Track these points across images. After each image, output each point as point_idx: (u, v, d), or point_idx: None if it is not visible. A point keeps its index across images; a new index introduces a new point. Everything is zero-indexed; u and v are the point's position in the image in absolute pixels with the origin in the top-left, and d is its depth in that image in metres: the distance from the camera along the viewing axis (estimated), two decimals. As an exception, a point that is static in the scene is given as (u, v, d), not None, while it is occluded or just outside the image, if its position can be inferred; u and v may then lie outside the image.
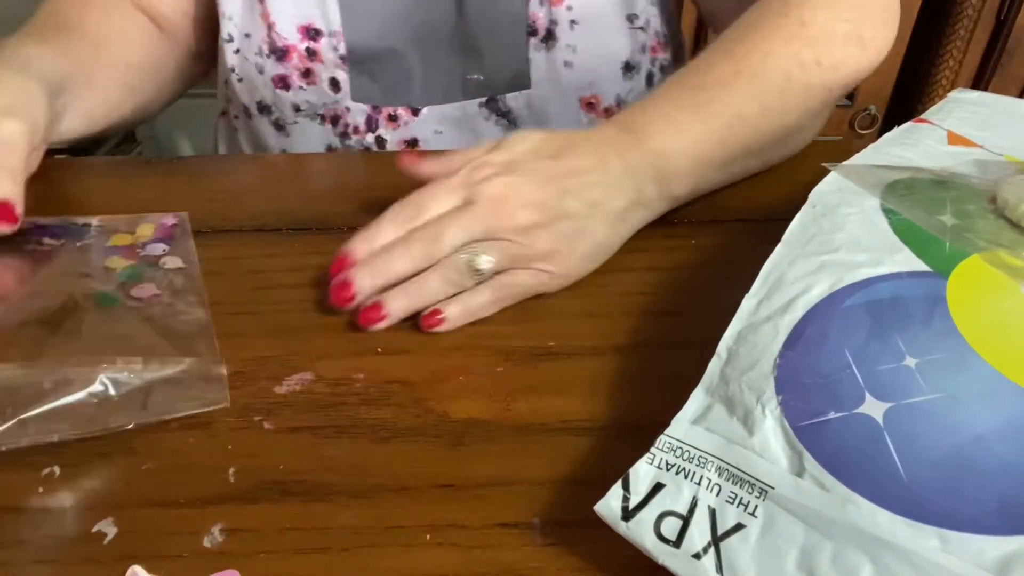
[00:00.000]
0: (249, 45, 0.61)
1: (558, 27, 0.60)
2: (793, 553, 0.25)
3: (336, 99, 0.62)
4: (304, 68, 0.61)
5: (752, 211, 0.49)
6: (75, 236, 0.44)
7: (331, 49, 0.60)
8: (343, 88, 0.61)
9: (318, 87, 0.61)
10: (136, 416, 0.35)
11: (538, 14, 0.59)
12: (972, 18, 1.25)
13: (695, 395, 0.30)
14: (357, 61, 0.60)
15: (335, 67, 0.61)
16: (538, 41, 0.60)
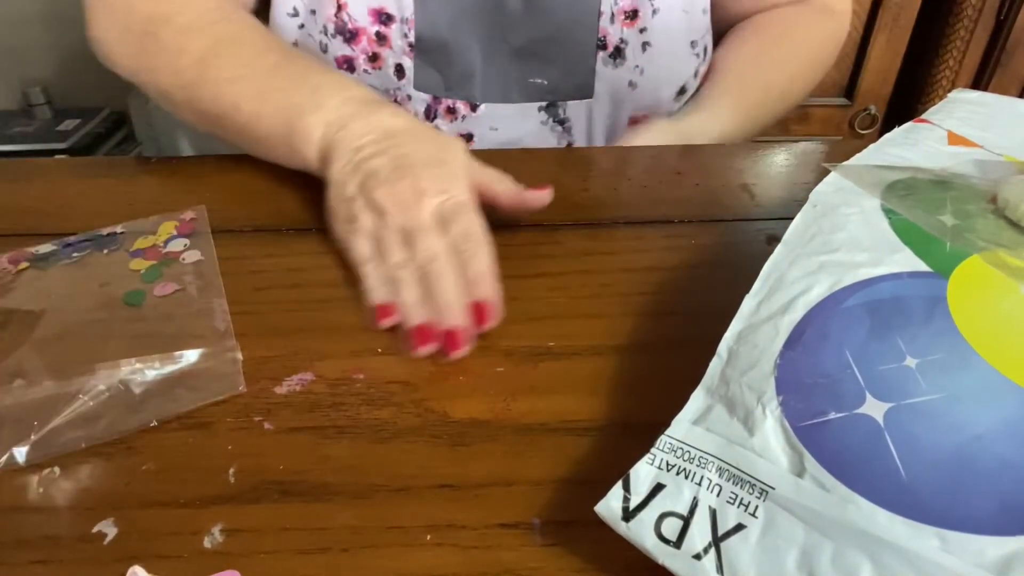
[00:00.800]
0: (314, 22, 0.60)
1: (628, 47, 0.61)
2: (793, 553, 0.25)
3: (399, 86, 0.62)
4: (372, 52, 0.60)
5: (752, 211, 0.49)
6: (102, 246, 0.46)
7: (401, 35, 0.60)
8: (407, 75, 0.61)
9: (383, 72, 0.61)
10: (158, 412, 0.35)
11: (608, 30, 0.60)
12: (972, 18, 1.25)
13: (695, 395, 0.30)
14: (424, 50, 0.60)
15: (402, 54, 0.60)
16: (606, 56, 0.62)
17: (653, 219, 0.48)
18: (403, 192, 0.42)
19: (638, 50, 0.62)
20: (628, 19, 0.61)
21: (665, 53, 0.63)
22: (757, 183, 0.52)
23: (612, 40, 0.61)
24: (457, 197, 0.43)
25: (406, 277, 0.41)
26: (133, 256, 0.45)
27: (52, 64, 1.49)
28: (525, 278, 0.44)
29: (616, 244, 0.47)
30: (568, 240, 0.47)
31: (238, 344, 0.38)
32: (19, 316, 0.40)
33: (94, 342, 0.39)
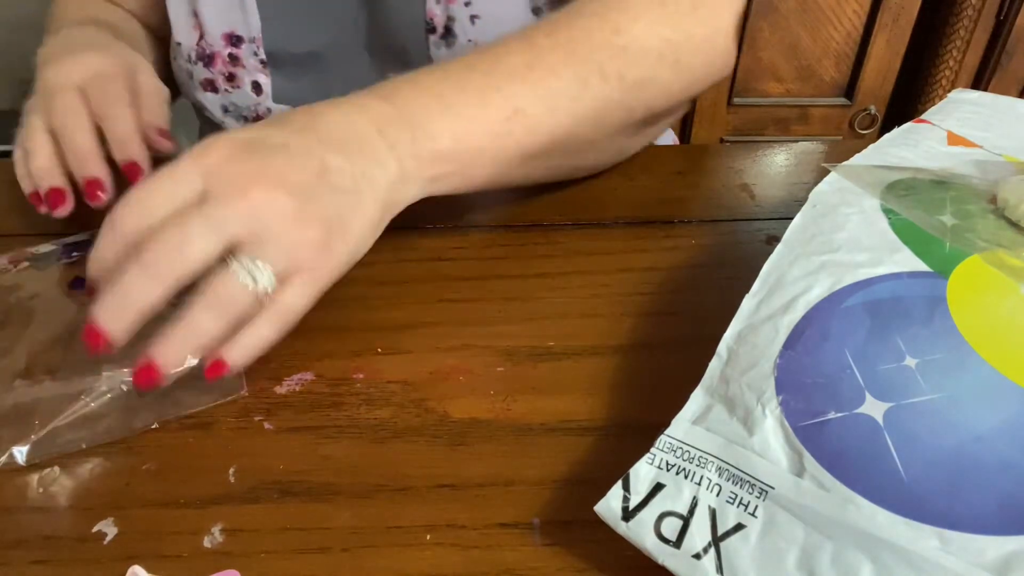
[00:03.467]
0: (181, 52, 0.64)
1: (456, 23, 0.59)
2: (793, 553, 0.25)
3: (258, 101, 0.64)
4: (228, 72, 0.63)
5: (752, 211, 0.49)
6: None
7: (251, 54, 0.62)
8: (265, 91, 0.63)
9: (242, 90, 0.64)
10: (159, 413, 0.35)
11: (435, 11, 0.59)
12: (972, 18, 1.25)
13: (695, 395, 0.30)
14: (277, 64, 0.62)
15: (256, 71, 0.63)
16: (437, 38, 0.60)
17: (653, 219, 0.48)
18: (53, 68, 0.48)
19: (467, 24, 0.59)
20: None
21: (499, 23, 0.58)
22: (757, 183, 0.52)
23: (439, 20, 0.59)
24: (101, 68, 0.48)
25: (33, 146, 0.46)
26: None
27: (52, 64, 1.49)
28: (525, 278, 0.44)
29: (616, 244, 0.47)
30: (568, 240, 0.47)
31: None
32: (19, 316, 0.40)
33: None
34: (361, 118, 0.38)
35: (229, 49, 0.62)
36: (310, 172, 0.34)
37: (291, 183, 0.33)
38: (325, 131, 0.36)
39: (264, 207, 0.33)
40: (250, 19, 0.61)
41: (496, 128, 0.41)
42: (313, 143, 0.35)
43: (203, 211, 0.32)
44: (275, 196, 0.33)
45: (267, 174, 0.33)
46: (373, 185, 0.37)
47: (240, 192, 0.33)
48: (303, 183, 0.34)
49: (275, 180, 0.33)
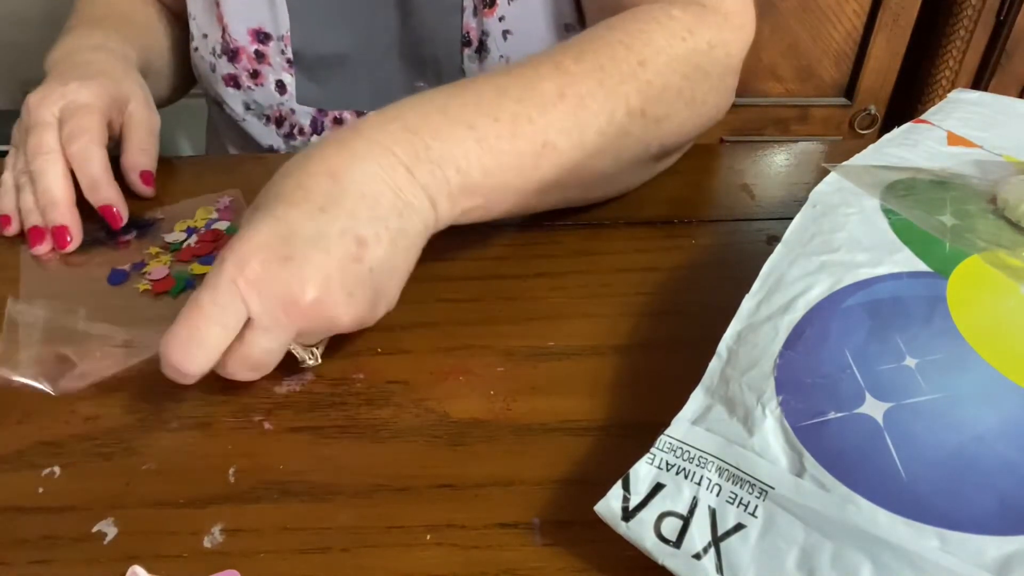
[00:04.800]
0: (206, 45, 0.63)
1: (489, 38, 0.60)
2: (793, 553, 0.25)
3: (282, 101, 0.64)
4: (253, 69, 0.63)
5: (752, 211, 0.49)
6: (145, 230, 0.48)
7: (278, 52, 0.61)
8: (289, 91, 0.63)
9: (265, 88, 0.63)
10: None
11: (471, 25, 0.59)
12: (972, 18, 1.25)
13: (695, 395, 0.30)
14: (304, 65, 0.62)
15: (282, 70, 0.62)
16: (472, 52, 0.60)
17: (653, 219, 0.48)
18: (37, 96, 0.49)
19: (499, 39, 0.59)
20: (487, 8, 0.58)
21: (530, 40, 0.59)
22: (757, 183, 0.52)
23: (475, 34, 0.59)
24: (80, 100, 0.48)
25: (24, 181, 0.47)
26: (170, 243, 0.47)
27: (52, 64, 1.49)
28: (525, 278, 0.44)
29: (616, 244, 0.47)
30: (568, 240, 0.47)
31: None
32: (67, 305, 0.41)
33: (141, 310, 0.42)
34: (388, 165, 0.36)
35: (256, 46, 0.61)
36: (347, 257, 0.34)
37: (332, 282, 0.33)
38: (353, 197, 0.34)
39: (312, 317, 0.34)
40: (279, 16, 0.60)
41: (525, 162, 0.40)
42: (344, 220, 0.34)
43: (258, 342, 0.34)
44: (321, 303, 0.33)
45: (308, 282, 0.33)
46: (407, 237, 0.36)
47: (286, 314, 0.33)
48: (343, 274, 0.34)
49: (317, 285, 0.33)
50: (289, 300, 0.33)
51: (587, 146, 0.42)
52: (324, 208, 0.34)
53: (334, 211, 0.34)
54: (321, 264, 0.33)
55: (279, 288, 0.33)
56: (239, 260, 0.32)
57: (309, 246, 0.33)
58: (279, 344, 0.34)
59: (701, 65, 0.46)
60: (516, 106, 0.39)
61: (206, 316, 0.32)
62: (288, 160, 0.37)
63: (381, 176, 0.35)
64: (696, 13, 0.47)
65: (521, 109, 0.39)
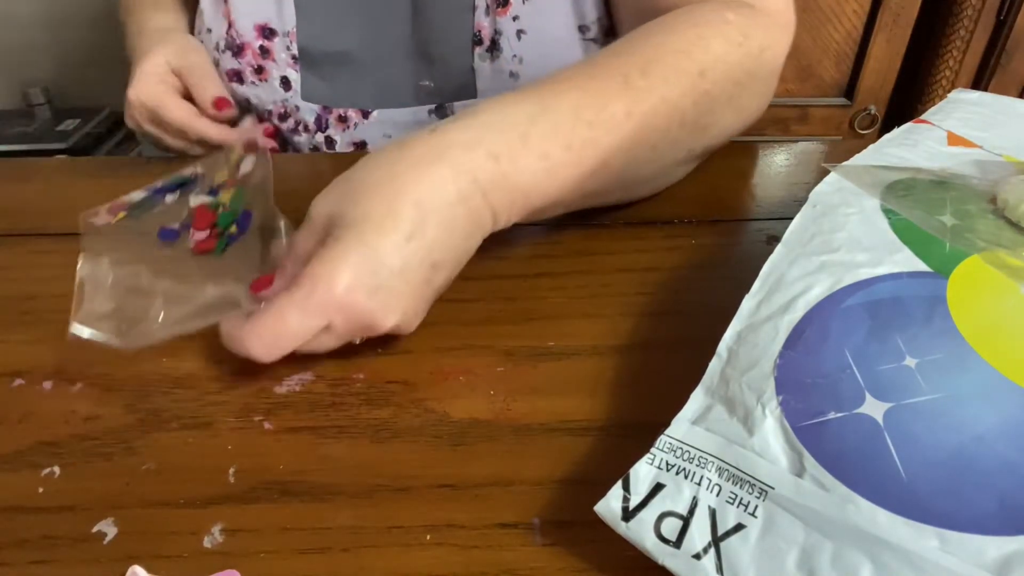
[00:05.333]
0: (210, 40, 0.64)
1: (502, 37, 0.59)
2: (793, 553, 0.25)
3: (286, 97, 0.63)
4: (257, 65, 0.63)
5: (752, 211, 0.49)
6: (188, 187, 0.49)
7: (284, 48, 0.62)
8: (294, 87, 0.62)
9: (269, 84, 0.63)
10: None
11: (483, 23, 0.59)
12: (972, 18, 1.25)
13: (695, 395, 0.30)
14: (309, 62, 0.62)
15: (287, 66, 0.62)
16: (483, 51, 0.60)
17: (653, 219, 0.48)
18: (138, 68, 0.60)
19: (513, 39, 0.59)
20: (500, 7, 0.58)
21: (545, 39, 0.59)
22: (757, 183, 0.52)
23: (487, 33, 0.59)
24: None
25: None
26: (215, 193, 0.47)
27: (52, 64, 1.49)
28: (525, 278, 0.44)
29: (616, 244, 0.47)
30: (568, 240, 0.47)
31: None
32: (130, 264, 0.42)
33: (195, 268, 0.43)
34: (468, 193, 0.37)
35: (260, 41, 0.62)
36: (423, 282, 0.37)
37: (409, 310, 0.37)
38: (434, 227, 0.36)
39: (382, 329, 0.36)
40: (285, 12, 0.61)
41: (584, 183, 0.41)
42: (424, 250, 0.36)
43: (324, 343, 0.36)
44: (397, 328, 0.37)
45: (391, 313, 0.36)
46: (468, 253, 0.39)
47: (362, 333, 0.37)
48: (416, 300, 0.37)
49: (398, 316, 0.36)
50: (370, 326, 0.36)
51: (639, 160, 0.43)
52: (410, 238, 0.36)
53: (419, 241, 0.36)
54: (402, 294, 0.36)
55: (364, 316, 0.35)
56: (330, 287, 0.34)
57: (395, 278, 0.35)
58: (337, 343, 0.37)
59: (752, 70, 0.46)
60: (587, 132, 0.40)
61: (290, 327, 0.35)
62: (367, 160, 0.38)
63: (461, 202, 0.37)
64: (747, 15, 0.47)
65: (591, 135, 0.40)
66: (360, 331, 0.37)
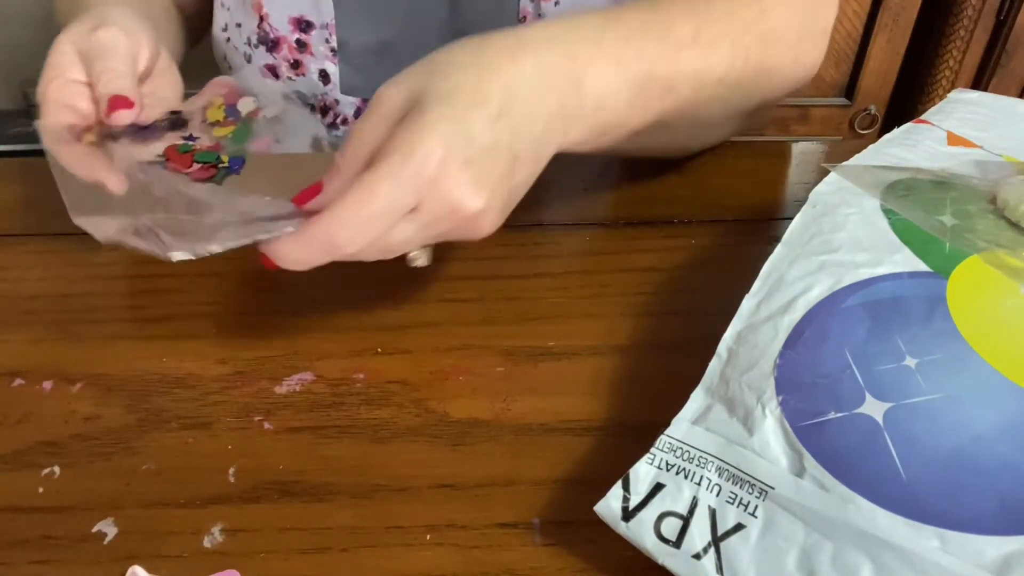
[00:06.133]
0: (239, 35, 0.62)
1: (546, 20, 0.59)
2: (793, 553, 0.25)
3: (325, 91, 0.62)
4: (294, 59, 0.61)
5: (752, 211, 0.49)
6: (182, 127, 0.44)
7: (322, 41, 0.60)
8: (332, 80, 0.62)
9: (307, 78, 0.62)
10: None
11: (527, 7, 0.58)
12: (972, 18, 1.25)
13: (695, 395, 0.30)
14: (347, 54, 0.61)
15: (325, 59, 0.61)
16: None
17: (653, 219, 0.48)
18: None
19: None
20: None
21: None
22: (757, 183, 0.52)
23: (531, 17, 0.58)
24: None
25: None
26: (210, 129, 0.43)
27: (52, 64, 1.49)
28: (525, 278, 0.44)
29: (616, 244, 0.47)
30: (568, 240, 0.47)
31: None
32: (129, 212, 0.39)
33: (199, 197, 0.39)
34: (549, 88, 0.36)
35: (297, 35, 0.60)
36: (506, 173, 0.35)
37: (495, 196, 0.34)
38: (520, 113, 0.35)
39: (465, 225, 0.34)
40: (323, 4, 0.59)
41: (652, 106, 0.40)
42: (510, 134, 0.35)
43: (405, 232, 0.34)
44: (481, 214, 0.34)
45: (480, 190, 0.34)
46: (540, 162, 0.37)
47: (448, 216, 0.34)
48: (500, 189, 0.35)
49: (485, 197, 0.34)
50: (458, 205, 0.33)
51: (704, 93, 0.42)
52: (499, 116, 0.34)
53: (506, 122, 0.34)
54: (491, 174, 0.34)
55: (455, 191, 0.33)
56: (424, 154, 0.32)
57: (486, 154, 0.33)
58: (421, 239, 0.35)
59: (807, 18, 0.46)
60: (657, 46, 0.39)
61: (381, 203, 0.32)
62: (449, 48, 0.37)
63: (539, 97, 0.36)
64: None
65: (660, 51, 0.39)
66: (447, 214, 0.34)
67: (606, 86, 0.38)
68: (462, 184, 0.33)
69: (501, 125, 0.34)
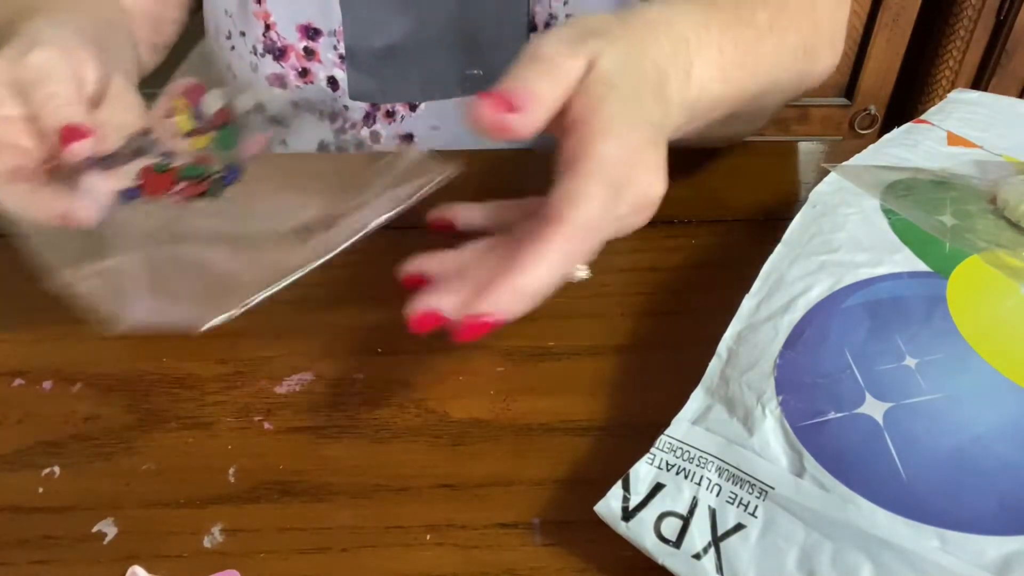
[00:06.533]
0: (244, 43, 0.61)
1: (557, 21, 0.59)
2: (793, 553, 0.25)
3: (334, 97, 0.62)
4: (302, 67, 0.60)
5: (752, 211, 0.49)
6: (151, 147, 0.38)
7: (330, 48, 0.60)
8: (341, 86, 0.61)
9: (315, 86, 0.61)
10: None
11: (537, 8, 0.58)
12: (972, 18, 1.25)
13: (695, 395, 0.30)
14: (355, 59, 0.60)
15: (333, 66, 0.60)
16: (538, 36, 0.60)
17: (653, 219, 0.48)
18: None
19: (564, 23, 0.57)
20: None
21: None
22: (757, 183, 0.52)
23: (541, 18, 0.58)
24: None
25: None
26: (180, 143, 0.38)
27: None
28: (525, 278, 0.44)
29: (616, 244, 0.46)
30: (568, 240, 0.47)
31: None
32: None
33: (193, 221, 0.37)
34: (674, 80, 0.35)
35: (305, 42, 0.59)
36: (664, 150, 0.33)
37: (665, 175, 0.32)
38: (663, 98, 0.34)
39: (651, 204, 0.33)
40: (330, 10, 0.58)
41: (737, 94, 0.39)
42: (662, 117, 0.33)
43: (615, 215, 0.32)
44: (662, 192, 0.32)
45: (660, 170, 0.32)
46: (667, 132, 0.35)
47: (644, 194, 0.32)
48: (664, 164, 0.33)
49: (663, 181, 0.32)
50: (649, 192, 0.32)
51: (773, 81, 0.42)
52: (657, 99, 0.33)
53: (663, 107, 0.34)
54: (664, 156, 0.32)
55: (646, 176, 0.32)
56: (629, 138, 0.30)
57: (661, 135, 0.32)
58: (610, 234, 0.32)
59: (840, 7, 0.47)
60: (746, 33, 0.39)
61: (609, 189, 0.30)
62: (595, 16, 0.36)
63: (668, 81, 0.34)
64: None
65: (749, 37, 0.39)
66: (639, 198, 0.32)
67: (709, 73, 0.37)
68: (653, 166, 0.32)
69: (661, 109, 0.33)
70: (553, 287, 0.30)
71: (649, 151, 0.31)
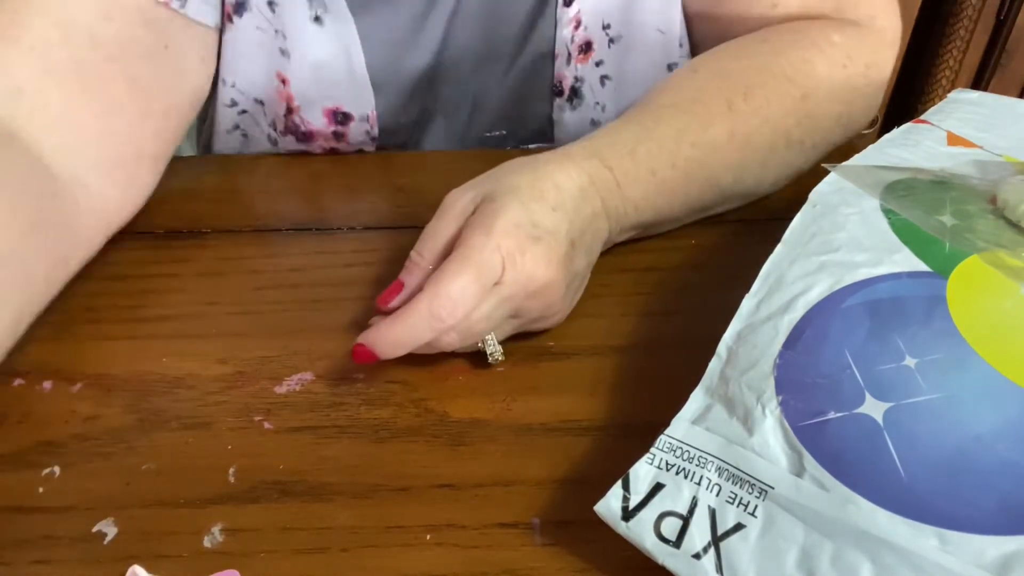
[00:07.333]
0: (262, 112, 0.56)
1: (584, 84, 0.57)
2: (793, 553, 0.25)
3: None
4: (328, 147, 0.57)
5: (752, 211, 0.49)
6: None
7: (363, 132, 0.56)
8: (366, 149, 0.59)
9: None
10: None
11: (564, 73, 0.56)
12: (972, 18, 1.25)
13: (695, 395, 0.30)
14: (385, 135, 0.57)
15: (361, 144, 0.57)
16: (563, 101, 0.57)
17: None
18: None
19: (596, 86, 0.57)
20: (582, 54, 0.55)
21: (630, 83, 0.57)
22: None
23: (568, 83, 0.56)
24: None
25: None
26: None
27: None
28: (525, 278, 0.44)
29: (616, 244, 0.47)
30: (568, 240, 0.47)
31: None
32: None
33: None
34: (591, 192, 0.40)
35: (334, 127, 0.55)
36: (567, 256, 0.38)
37: (560, 271, 0.37)
38: (570, 208, 0.39)
39: (540, 297, 0.37)
40: (362, 94, 0.54)
41: (691, 199, 0.44)
42: (566, 223, 0.38)
43: (487, 307, 0.36)
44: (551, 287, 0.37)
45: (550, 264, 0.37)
46: (592, 254, 0.41)
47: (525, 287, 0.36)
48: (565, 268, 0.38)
49: (553, 269, 0.37)
50: (533, 275, 0.36)
51: (746, 179, 0.45)
52: (555, 209, 0.38)
53: (561, 214, 0.38)
54: (556, 252, 0.37)
55: (529, 262, 0.36)
56: (502, 231, 0.36)
57: (550, 236, 0.37)
58: (500, 315, 0.37)
59: (858, 88, 0.48)
60: (691, 151, 0.42)
61: (474, 271, 0.35)
62: (504, 164, 0.40)
63: (585, 199, 0.39)
64: (853, 35, 0.49)
65: (695, 154, 0.43)
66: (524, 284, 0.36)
67: (643, 192, 0.42)
68: (536, 255, 0.36)
69: (558, 215, 0.38)
70: (418, 343, 0.35)
71: (529, 245, 0.36)
